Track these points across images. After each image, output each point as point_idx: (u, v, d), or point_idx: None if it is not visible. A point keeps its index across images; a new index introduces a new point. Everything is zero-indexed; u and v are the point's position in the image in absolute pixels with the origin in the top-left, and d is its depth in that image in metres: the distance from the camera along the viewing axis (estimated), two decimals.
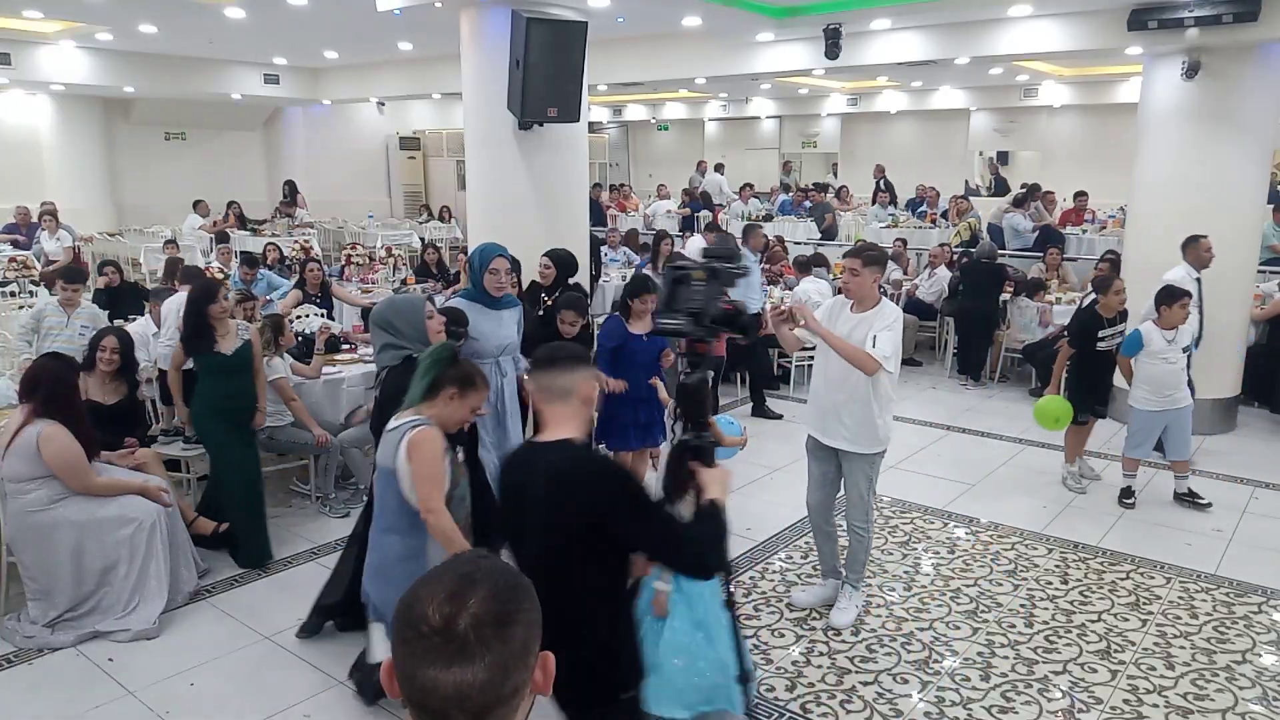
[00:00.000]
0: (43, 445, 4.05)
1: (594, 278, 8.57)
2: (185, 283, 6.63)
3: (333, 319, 7.64)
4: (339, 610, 4.12)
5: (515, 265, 4.96)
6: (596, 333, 5.98)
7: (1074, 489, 6.10)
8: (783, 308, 4.18)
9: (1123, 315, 6.10)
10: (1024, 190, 11.98)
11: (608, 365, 4.99)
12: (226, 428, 4.90)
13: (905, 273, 10.51)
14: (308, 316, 7.39)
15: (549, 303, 5.84)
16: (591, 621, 2.21)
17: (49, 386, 4.17)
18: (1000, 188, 16.00)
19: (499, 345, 4.49)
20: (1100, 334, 5.98)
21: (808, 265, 8.81)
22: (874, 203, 15.28)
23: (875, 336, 3.95)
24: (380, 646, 3.22)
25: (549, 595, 1.95)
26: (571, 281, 6.30)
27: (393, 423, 3.08)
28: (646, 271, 7.90)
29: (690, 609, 3.09)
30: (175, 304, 6.14)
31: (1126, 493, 5.86)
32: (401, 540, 3.09)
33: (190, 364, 5.04)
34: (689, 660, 3.04)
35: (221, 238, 11.82)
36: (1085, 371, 6.03)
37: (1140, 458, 5.85)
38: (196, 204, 13.71)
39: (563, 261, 6.10)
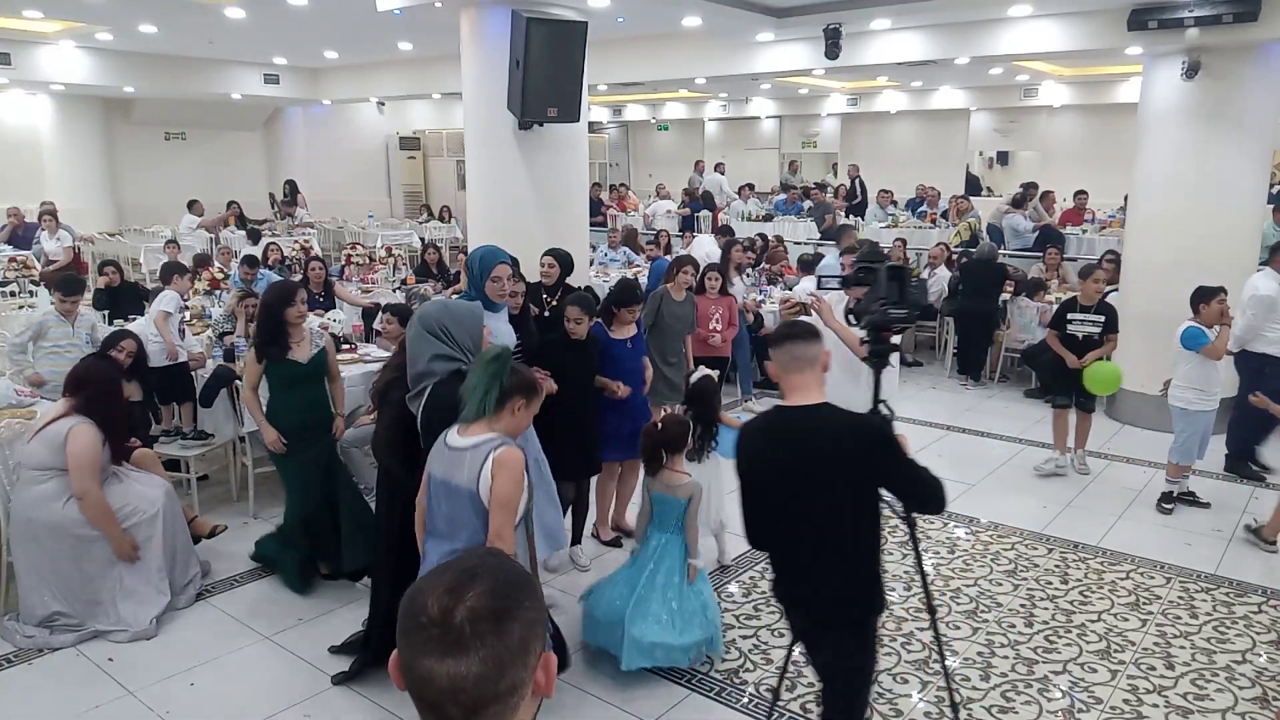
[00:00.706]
0: (70, 439, 4.08)
1: None
2: (165, 279, 6.61)
3: (338, 318, 7.61)
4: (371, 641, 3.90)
5: (514, 264, 4.92)
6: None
7: (1044, 470, 6.30)
8: (795, 301, 4.20)
9: (1102, 306, 6.19)
10: (1022, 190, 11.97)
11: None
12: (308, 441, 4.60)
13: None
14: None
15: (553, 303, 5.78)
16: (870, 555, 2.76)
17: (96, 387, 4.21)
18: (973, 187, 16.19)
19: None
20: (1069, 316, 6.15)
21: (811, 265, 8.81)
22: (849, 202, 15.28)
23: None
24: None
25: (844, 536, 2.71)
26: (569, 281, 6.26)
27: (464, 439, 2.91)
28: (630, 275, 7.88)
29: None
30: (171, 295, 6.14)
31: (1167, 498, 5.77)
32: None
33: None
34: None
35: (255, 236, 12.15)
36: (1058, 356, 6.10)
37: (1192, 462, 5.72)
38: (191, 204, 13.70)
39: (564, 261, 6.08)
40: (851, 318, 3.31)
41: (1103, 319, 6.22)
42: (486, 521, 2.88)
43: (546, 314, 5.64)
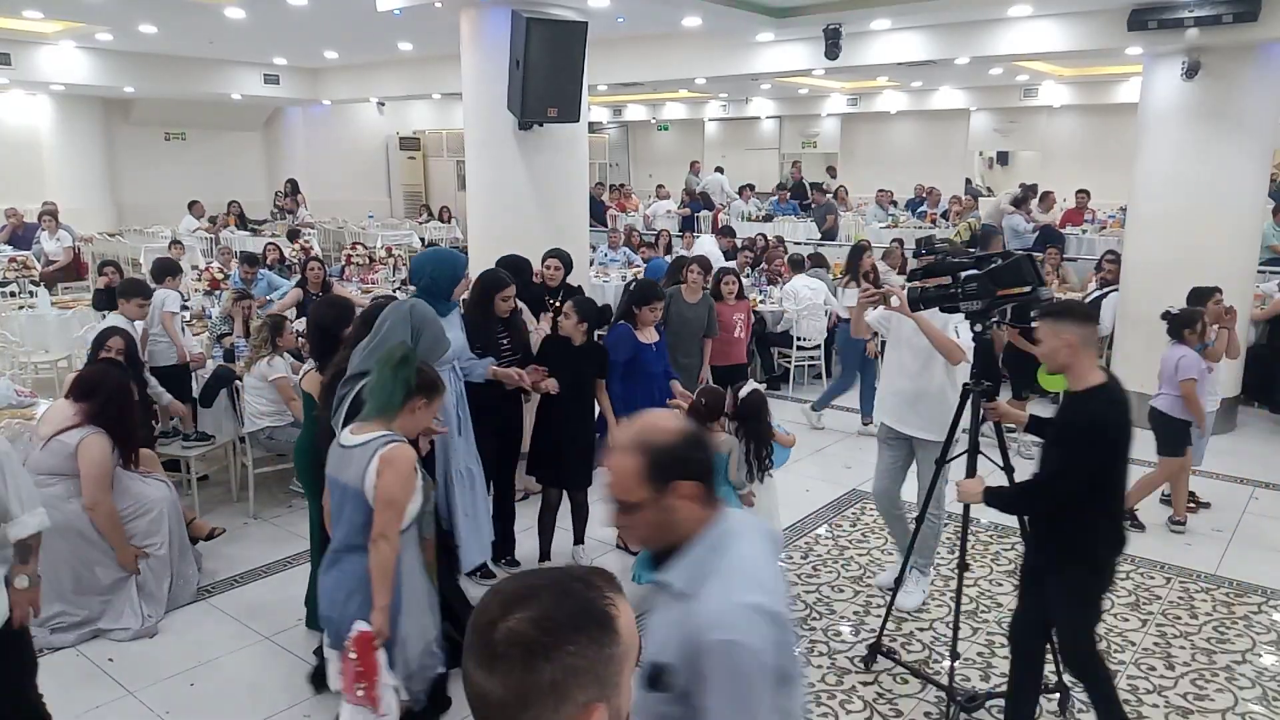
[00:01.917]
0: (81, 452, 4.04)
1: None
2: (156, 276, 6.53)
3: None
4: None
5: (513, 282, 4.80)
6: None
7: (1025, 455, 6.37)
8: (874, 291, 4.31)
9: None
10: (1021, 191, 11.98)
11: (619, 379, 4.85)
12: None
13: (901, 273, 10.49)
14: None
15: (556, 304, 5.70)
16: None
17: (107, 394, 4.15)
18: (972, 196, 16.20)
19: (458, 350, 4.26)
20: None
21: (800, 263, 8.80)
22: (795, 200, 15.31)
23: (957, 328, 4.10)
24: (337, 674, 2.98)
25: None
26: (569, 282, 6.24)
27: (355, 437, 2.88)
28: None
29: None
30: (158, 300, 6.12)
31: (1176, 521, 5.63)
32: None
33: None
34: None
35: (292, 235, 12.20)
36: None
37: (1197, 465, 5.67)
38: (192, 205, 13.70)
39: (567, 262, 6.02)
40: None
41: None
42: (369, 520, 2.82)
43: (552, 315, 5.55)
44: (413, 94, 14.28)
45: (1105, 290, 7.93)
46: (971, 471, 3.46)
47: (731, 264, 9.19)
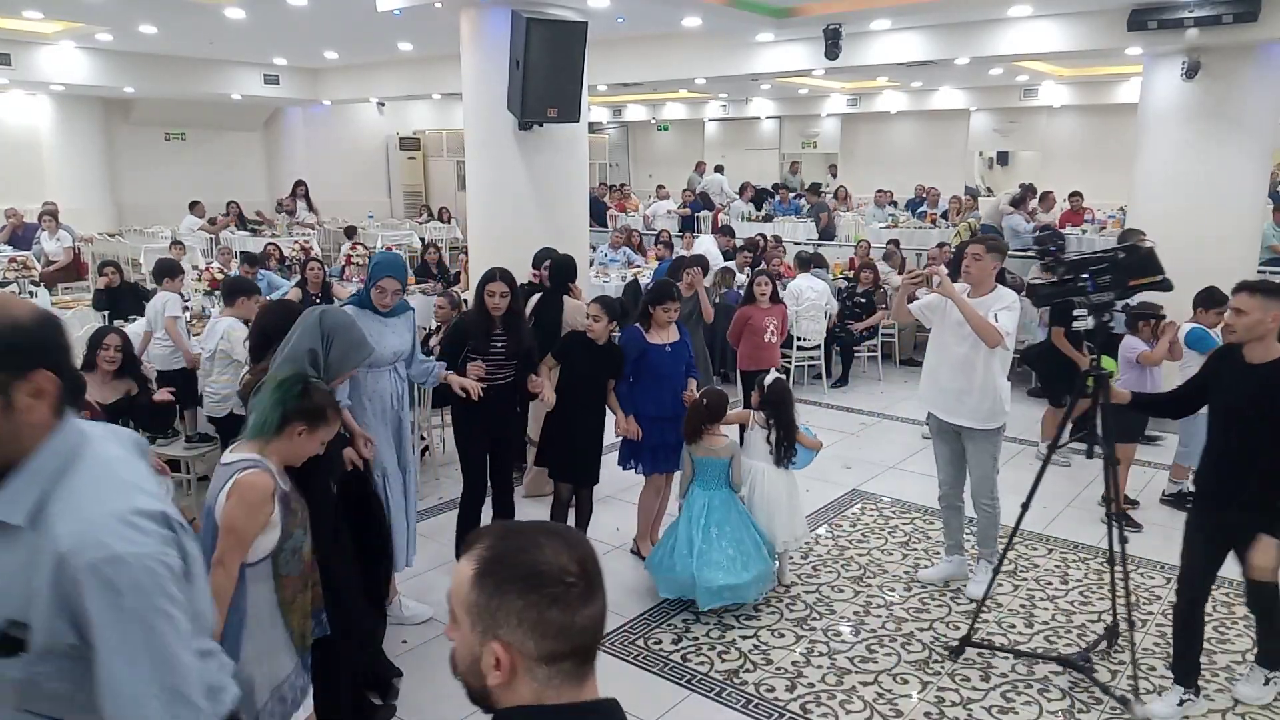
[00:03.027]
0: None
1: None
2: (157, 278, 6.54)
3: None
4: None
5: (509, 278, 4.60)
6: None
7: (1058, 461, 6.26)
8: (919, 271, 4.44)
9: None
10: (1020, 191, 11.97)
11: (627, 380, 4.78)
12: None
13: (902, 273, 10.49)
14: None
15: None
16: None
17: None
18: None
19: (395, 352, 4.24)
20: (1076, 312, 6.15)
21: (807, 262, 8.82)
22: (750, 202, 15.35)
23: (996, 314, 4.24)
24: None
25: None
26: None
27: (229, 454, 2.68)
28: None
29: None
30: (159, 303, 6.12)
31: (1182, 497, 5.70)
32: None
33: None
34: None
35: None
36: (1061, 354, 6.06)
37: (1194, 464, 5.71)
38: (193, 205, 13.68)
39: (560, 265, 5.78)
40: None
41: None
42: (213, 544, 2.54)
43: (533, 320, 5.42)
44: (413, 94, 14.29)
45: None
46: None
47: (731, 264, 9.20)
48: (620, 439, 4.87)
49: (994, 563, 4.55)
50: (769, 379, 4.75)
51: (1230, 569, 4.93)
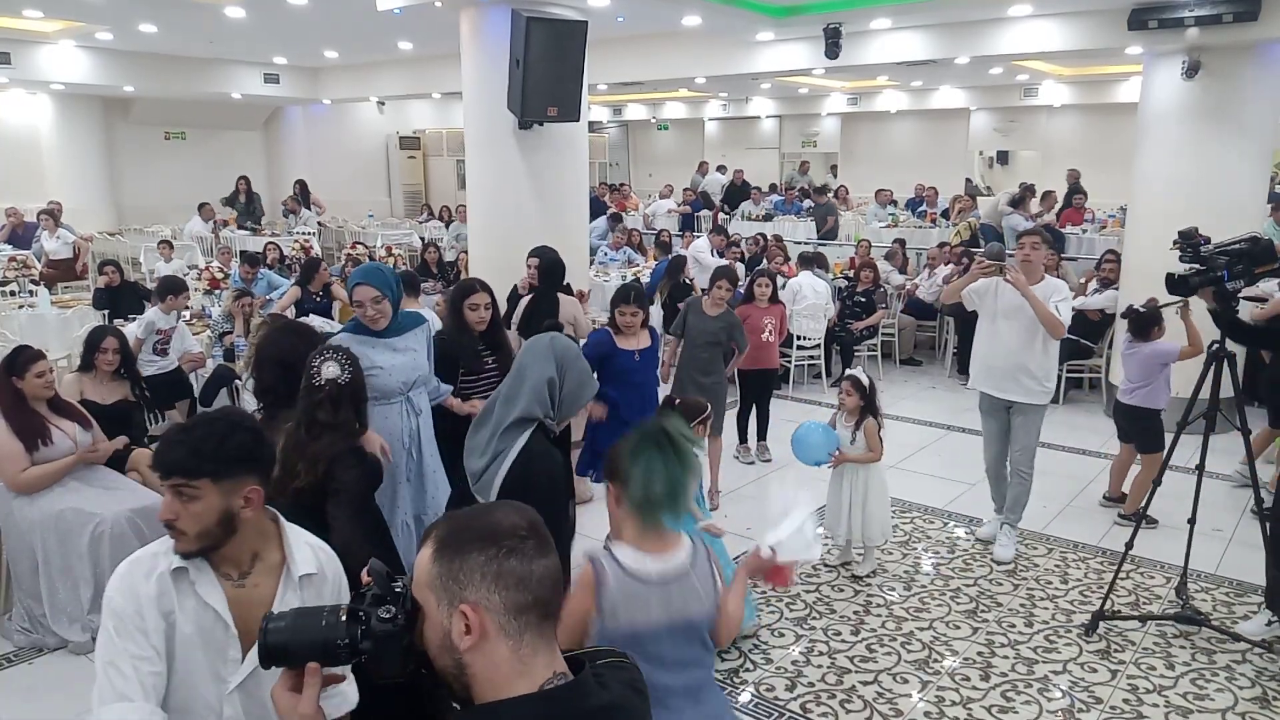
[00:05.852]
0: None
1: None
2: (161, 294, 6.36)
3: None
4: None
5: (489, 291, 4.31)
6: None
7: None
8: (989, 262, 4.68)
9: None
10: (1019, 190, 11.97)
11: (610, 383, 4.64)
12: None
13: (903, 272, 10.50)
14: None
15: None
16: None
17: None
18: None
19: (405, 380, 3.63)
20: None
21: (810, 261, 8.82)
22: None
23: (1057, 306, 4.57)
24: None
25: None
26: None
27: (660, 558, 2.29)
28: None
29: None
30: (148, 318, 6.07)
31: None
32: None
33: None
34: None
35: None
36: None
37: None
38: (201, 207, 13.62)
39: (550, 265, 5.54)
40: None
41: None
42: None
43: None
44: (413, 93, 14.28)
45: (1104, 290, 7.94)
46: None
47: (726, 262, 9.19)
48: (583, 447, 4.81)
49: (1016, 527, 5.09)
50: (862, 377, 4.82)
51: (1231, 569, 4.95)
